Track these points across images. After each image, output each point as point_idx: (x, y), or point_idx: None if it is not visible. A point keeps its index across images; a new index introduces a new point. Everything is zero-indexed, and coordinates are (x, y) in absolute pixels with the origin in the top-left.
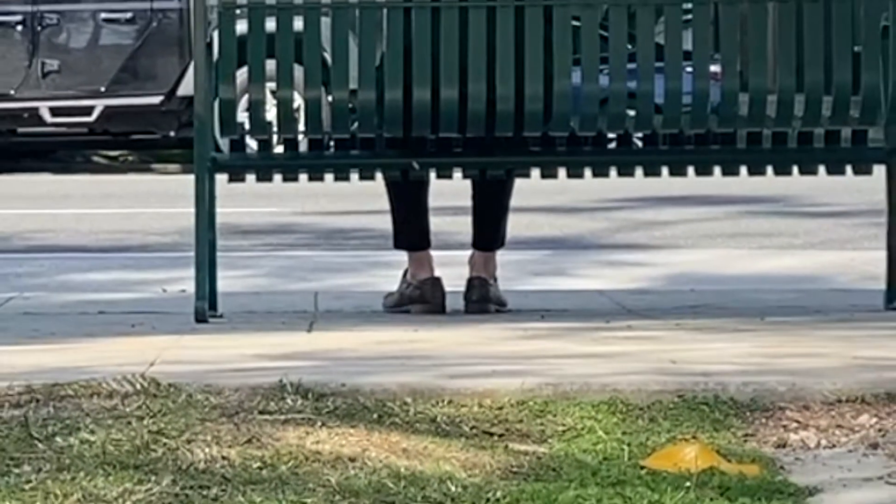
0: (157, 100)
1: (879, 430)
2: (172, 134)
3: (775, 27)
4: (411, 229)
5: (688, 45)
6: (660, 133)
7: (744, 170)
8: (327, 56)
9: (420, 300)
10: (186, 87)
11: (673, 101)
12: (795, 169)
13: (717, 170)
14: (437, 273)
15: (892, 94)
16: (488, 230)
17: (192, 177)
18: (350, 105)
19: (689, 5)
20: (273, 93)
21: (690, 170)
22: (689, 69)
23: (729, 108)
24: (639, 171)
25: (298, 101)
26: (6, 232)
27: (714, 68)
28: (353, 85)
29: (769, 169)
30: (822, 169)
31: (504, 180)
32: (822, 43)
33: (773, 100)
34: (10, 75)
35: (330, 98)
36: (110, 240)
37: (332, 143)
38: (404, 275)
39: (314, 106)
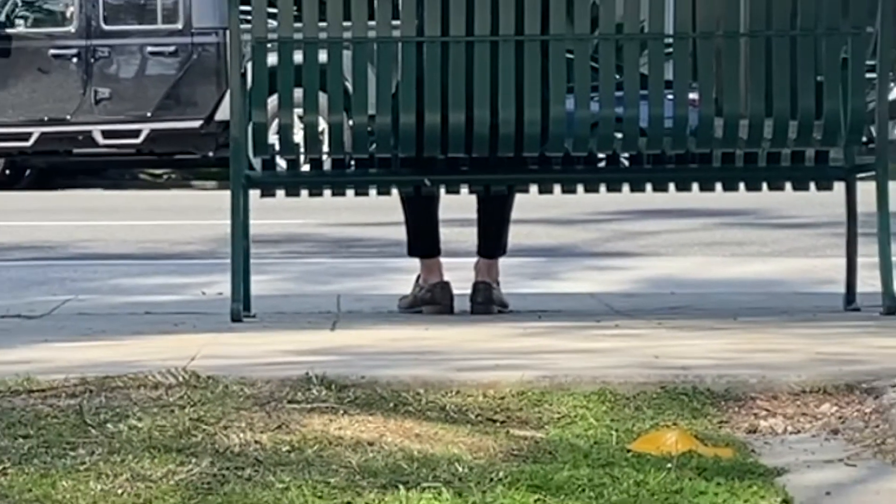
0: (197, 124)
1: (839, 418)
2: (211, 154)
3: (747, 59)
4: (423, 239)
5: (669, 75)
6: (644, 153)
7: (719, 186)
8: (348, 85)
9: (431, 302)
10: (223, 113)
11: (656, 125)
12: (765, 185)
13: (695, 186)
14: (446, 278)
15: (851, 119)
16: (492, 239)
17: (228, 192)
18: (369, 128)
19: (670, 40)
20: (300, 118)
21: (671, 186)
22: (670, 96)
23: (705, 131)
24: (625, 187)
25: (323, 124)
26: (63, 241)
27: (692, 96)
28: (371, 110)
29: (741, 185)
30: (788, 185)
31: (506, 195)
32: (788, 73)
33: (745, 124)
34: (66, 102)
35: (351, 122)
36: (155, 248)
37: (352, 163)
38: (417, 279)
39: (337, 129)
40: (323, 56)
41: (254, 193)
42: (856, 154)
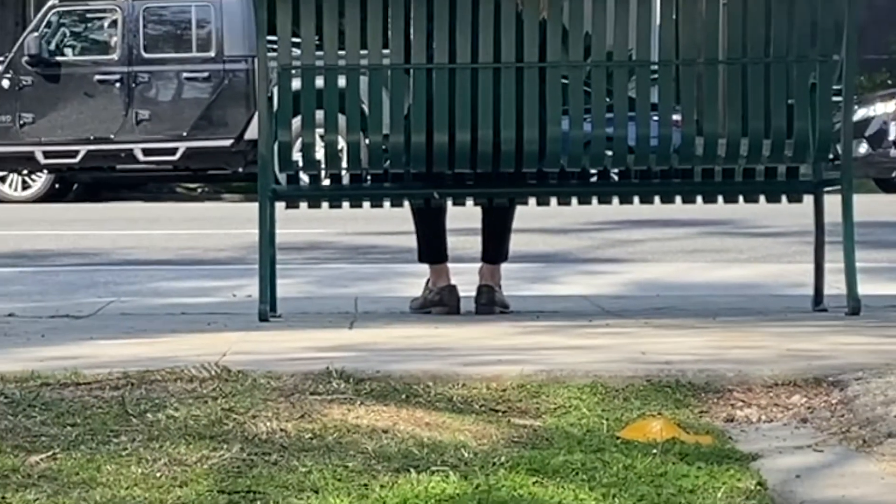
0: (228, 142)
1: (808, 408)
2: (240, 170)
3: (725, 84)
4: (432, 246)
5: (654, 99)
6: (632, 169)
7: (699, 198)
8: (365, 107)
9: (440, 303)
10: (252, 132)
11: (642, 143)
12: (741, 198)
13: (678, 198)
14: (453, 281)
15: (819, 138)
16: (495, 247)
17: (256, 204)
18: (383, 146)
19: (655, 66)
20: (321, 137)
21: (657, 198)
22: (656, 118)
23: (687, 149)
24: (615, 199)
25: (341, 143)
26: (108, 248)
27: (675, 117)
28: (385, 130)
29: (720, 198)
30: (762, 198)
31: (507, 207)
32: (762, 97)
33: (723, 142)
34: (110, 123)
35: (367, 141)
36: (190, 255)
37: (368, 177)
38: (427, 283)
39: (354, 147)
40: (341, 81)
41: (279, 205)
42: (823, 170)
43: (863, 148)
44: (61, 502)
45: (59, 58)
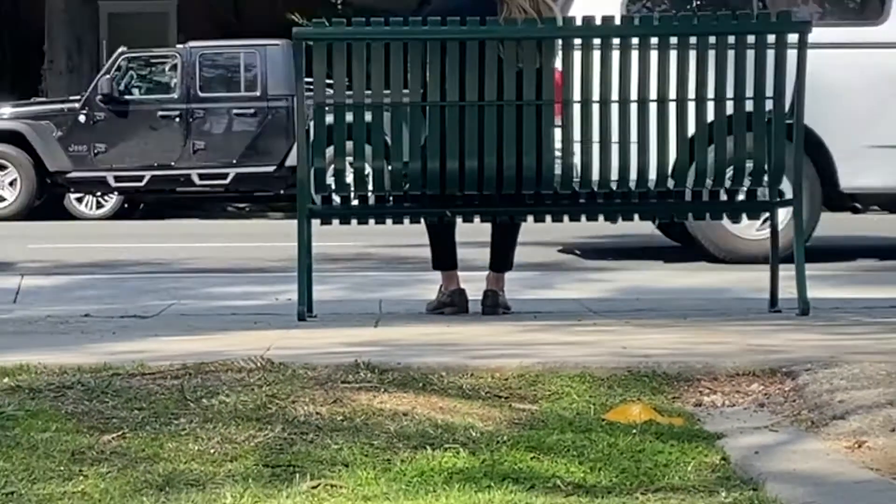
0: (271, 168)
1: (765, 395)
2: (282, 192)
3: (694, 119)
4: (444, 256)
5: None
6: (615, 191)
7: (673, 217)
8: (387, 139)
9: (450, 304)
10: (291, 160)
11: (623, 171)
12: (708, 215)
13: (655, 216)
14: (462, 286)
15: (773, 166)
16: (501, 258)
17: (295, 221)
18: (403, 172)
19: (635, 104)
20: (351, 164)
21: (636, 216)
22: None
23: (661, 176)
24: (601, 217)
25: (368, 169)
26: (169, 259)
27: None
28: (405, 158)
29: (690, 216)
30: (725, 216)
31: (513, 226)
32: (725, 130)
33: (692, 170)
34: (171, 152)
35: (389, 167)
36: (239, 264)
37: (391, 198)
38: (440, 288)
39: (378, 173)
40: (368, 117)
41: (315, 221)
42: (776, 192)
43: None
44: (129, 475)
45: (127, 97)
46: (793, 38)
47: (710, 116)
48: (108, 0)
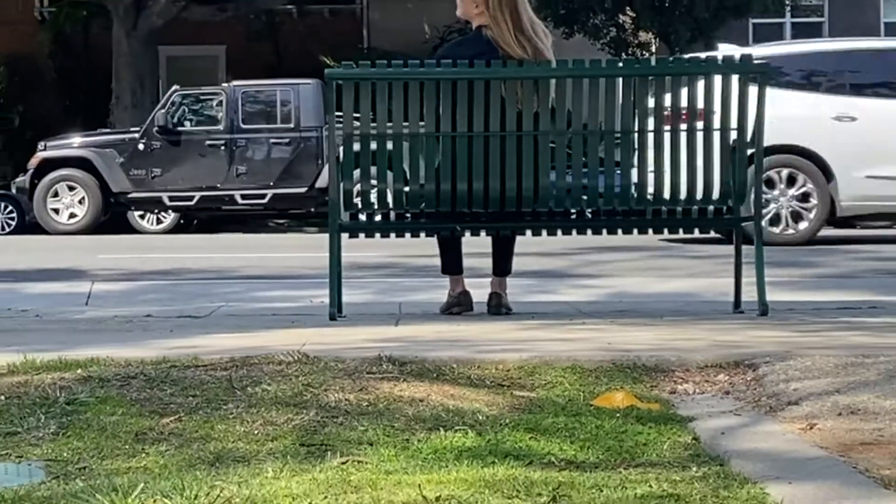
0: (303, 190)
1: (730, 384)
2: (312, 209)
3: (671, 148)
4: (452, 263)
5: (618, 157)
6: (602, 209)
7: (651, 231)
8: (406, 164)
9: (457, 304)
10: (321, 182)
11: (609, 191)
12: (681, 230)
13: (635, 231)
14: (467, 288)
15: (737, 187)
16: (502, 264)
17: (327, 235)
18: (420, 193)
19: (618, 134)
20: (374, 186)
21: (620, 231)
22: (619, 171)
23: (641, 195)
24: (589, 231)
25: (389, 190)
26: (219, 267)
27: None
28: (421, 181)
29: (666, 230)
30: (696, 230)
31: (510, 237)
32: (695, 156)
33: (668, 190)
34: (217, 175)
35: (407, 189)
36: (279, 272)
37: (409, 215)
38: (449, 292)
39: (398, 193)
40: (389, 145)
41: (344, 235)
42: (740, 210)
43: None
44: (185, 453)
45: (179, 128)
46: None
47: (684, 146)
48: (167, 45)
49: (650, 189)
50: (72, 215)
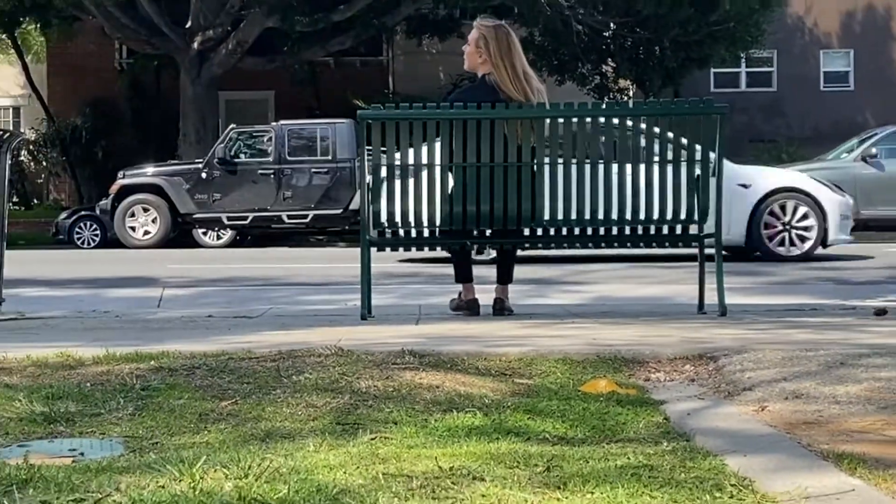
0: (339, 211)
1: (695, 373)
2: (347, 227)
3: (646, 179)
4: (464, 273)
5: (602, 183)
6: (588, 228)
7: (629, 245)
8: (424, 190)
9: (467, 308)
10: (355, 204)
11: (593, 213)
12: (654, 245)
13: (616, 245)
14: (475, 295)
15: (701, 209)
16: (505, 274)
17: (358, 249)
18: (436, 214)
19: (601, 169)
20: (398, 208)
21: (603, 245)
22: (602, 195)
23: (621, 216)
24: (578, 245)
25: (411, 212)
26: (269, 276)
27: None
28: (437, 204)
29: (641, 245)
30: (667, 244)
31: (511, 251)
32: (667, 183)
33: (644, 212)
34: (267, 199)
35: (426, 210)
36: (319, 279)
37: (426, 233)
38: (459, 294)
39: (418, 214)
40: (410, 174)
41: (372, 249)
42: (703, 228)
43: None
44: (240, 431)
45: (236, 160)
46: None
47: (657, 174)
48: (225, 90)
49: (628, 211)
50: (146, 232)
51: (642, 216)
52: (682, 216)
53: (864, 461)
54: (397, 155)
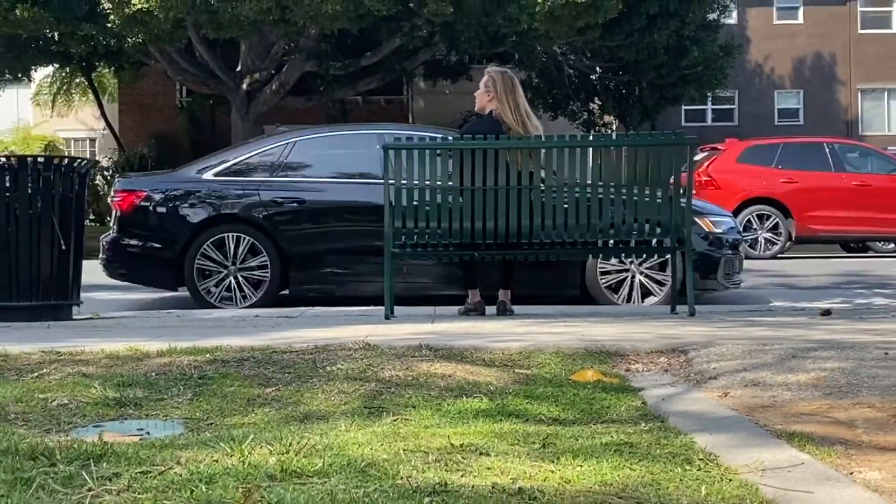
0: None
1: (668, 364)
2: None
3: (626, 198)
4: (472, 279)
5: (591, 203)
6: (577, 241)
7: (612, 256)
8: (439, 209)
9: (474, 310)
10: None
11: (581, 227)
12: (634, 256)
13: (600, 256)
14: (480, 298)
15: (674, 224)
16: (507, 280)
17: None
18: (449, 230)
19: (589, 191)
20: (417, 224)
21: (590, 255)
22: (589, 214)
23: (605, 230)
24: (570, 255)
25: (428, 228)
26: None
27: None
28: (450, 221)
29: (623, 255)
30: (645, 255)
31: (512, 261)
32: (644, 201)
33: (625, 226)
34: None
35: (440, 226)
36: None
37: (441, 245)
38: (467, 299)
39: (433, 229)
40: (427, 196)
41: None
42: (676, 241)
43: None
44: (282, 413)
45: None
46: None
47: (635, 195)
48: (270, 125)
49: (612, 226)
50: None
51: (621, 230)
52: (657, 231)
53: (812, 439)
54: (416, 180)
